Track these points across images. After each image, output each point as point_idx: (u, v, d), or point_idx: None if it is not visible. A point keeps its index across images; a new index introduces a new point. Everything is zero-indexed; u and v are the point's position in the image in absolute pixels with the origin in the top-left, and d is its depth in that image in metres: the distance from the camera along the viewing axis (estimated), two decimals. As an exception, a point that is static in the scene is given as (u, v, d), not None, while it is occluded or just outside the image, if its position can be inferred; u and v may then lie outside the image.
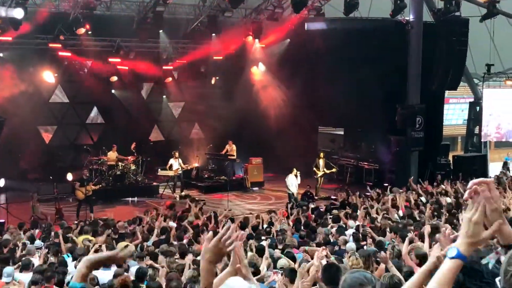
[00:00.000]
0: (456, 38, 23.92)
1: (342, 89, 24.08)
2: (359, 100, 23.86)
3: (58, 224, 16.70)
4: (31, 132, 24.88)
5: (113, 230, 14.83)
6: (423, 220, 14.56)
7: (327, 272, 6.08)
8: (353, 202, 19.05)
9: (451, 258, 2.40)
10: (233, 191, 23.58)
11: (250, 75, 27.61)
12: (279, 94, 26.93)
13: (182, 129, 28.81)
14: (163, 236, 13.87)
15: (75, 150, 25.49)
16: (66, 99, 26.42)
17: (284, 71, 26.31)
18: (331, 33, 25.14)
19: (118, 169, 23.37)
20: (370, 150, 26.09)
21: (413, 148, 24.41)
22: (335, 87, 24.21)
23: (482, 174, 25.65)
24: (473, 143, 30.02)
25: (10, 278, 9.44)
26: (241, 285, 2.89)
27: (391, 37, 24.02)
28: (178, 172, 23.68)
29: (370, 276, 3.44)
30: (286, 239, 12.43)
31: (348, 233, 13.40)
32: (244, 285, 2.91)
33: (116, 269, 9.52)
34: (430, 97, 24.55)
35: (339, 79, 24.07)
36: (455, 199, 17.94)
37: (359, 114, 24.69)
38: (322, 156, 24.28)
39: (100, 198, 22.25)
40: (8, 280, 9.41)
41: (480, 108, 29.25)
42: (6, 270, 9.60)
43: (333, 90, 24.34)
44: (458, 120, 37.94)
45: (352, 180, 25.28)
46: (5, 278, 9.44)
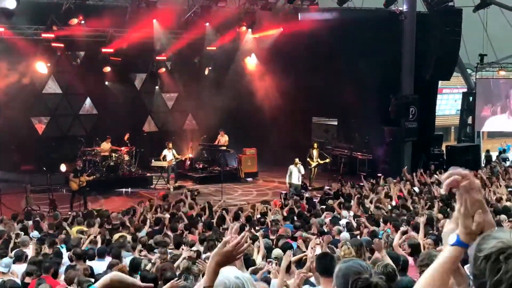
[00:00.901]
0: (449, 28, 23.97)
1: (335, 80, 24.07)
2: (353, 90, 23.85)
3: (52, 215, 16.70)
4: (24, 123, 24.78)
5: (107, 221, 14.85)
6: (417, 210, 14.63)
7: (321, 262, 6.10)
8: (347, 192, 19.12)
9: (451, 245, 2.38)
10: (227, 181, 23.57)
11: (244, 65, 27.57)
12: (273, 85, 26.89)
13: (176, 120, 28.75)
14: (157, 227, 13.89)
15: (69, 141, 25.40)
16: (59, 90, 26.31)
17: (278, 62, 26.27)
18: (324, 24, 25.10)
19: (112, 160, 23.35)
20: (364, 141, 26.13)
21: (406, 139, 24.48)
22: (329, 78, 24.20)
23: (475, 164, 25.76)
24: (466, 133, 30.14)
25: (7, 269, 9.43)
26: (235, 274, 2.90)
27: (385, 27, 24.02)
28: (171, 163, 23.68)
29: (365, 264, 3.42)
30: (280, 229, 12.47)
31: (342, 223, 13.46)
32: (238, 273, 2.92)
33: (111, 260, 9.54)
34: (424, 88, 24.61)
35: (332, 70, 24.06)
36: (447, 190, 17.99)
37: (353, 105, 24.69)
38: (316, 147, 24.31)
39: (94, 189, 22.21)
40: (5, 270, 9.41)
41: (473, 98, 29.33)
42: (4, 260, 9.60)
43: (327, 80, 24.33)
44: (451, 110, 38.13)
45: (345, 171, 25.32)
46: (2, 268, 9.43)
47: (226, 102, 26.19)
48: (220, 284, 2.87)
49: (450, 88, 36.34)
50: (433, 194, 17.35)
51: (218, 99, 26.27)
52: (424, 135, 24.93)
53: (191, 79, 27.39)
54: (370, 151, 25.75)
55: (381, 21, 24.20)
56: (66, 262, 10.19)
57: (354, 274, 3.20)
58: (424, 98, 24.64)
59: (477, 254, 2.11)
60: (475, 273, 2.11)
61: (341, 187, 20.51)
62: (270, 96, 26.96)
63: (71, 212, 17.44)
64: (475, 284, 2.13)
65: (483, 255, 2.07)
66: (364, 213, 15.03)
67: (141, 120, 28.33)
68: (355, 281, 3.17)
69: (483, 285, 2.05)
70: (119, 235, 12.99)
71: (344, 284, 3.26)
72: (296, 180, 21.41)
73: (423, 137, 24.87)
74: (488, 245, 2.08)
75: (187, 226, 13.73)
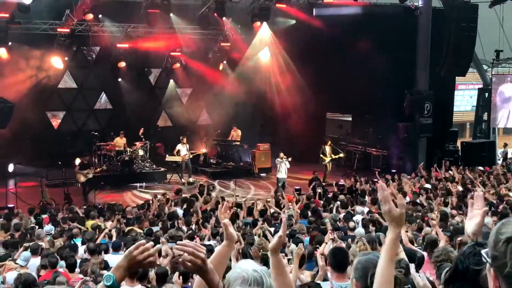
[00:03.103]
0: (465, 23, 23.83)
1: (350, 75, 23.99)
2: (367, 86, 23.79)
3: (67, 209, 16.81)
4: (40, 118, 24.96)
5: (122, 215, 14.92)
6: (431, 206, 14.58)
7: (334, 257, 6.11)
8: (361, 188, 19.07)
9: None
10: (241, 177, 23.59)
11: (258, 60, 27.55)
12: (287, 80, 26.89)
13: (190, 115, 28.80)
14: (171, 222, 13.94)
15: (84, 135, 25.53)
16: (74, 85, 26.48)
17: (292, 57, 26.25)
18: (339, 19, 25.01)
19: (126, 154, 23.44)
20: (378, 137, 26.03)
21: (421, 135, 24.37)
22: (343, 73, 24.12)
23: (491, 161, 25.65)
24: (482, 130, 29.92)
25: (25, 262, 9.52)
26: (253, 267, 2.90)
27: (400, 22, 23.90)
28: (186, 158, 23.74)
29: None
30: (294, 225, 12.47)
31: (356, 218, 13.44)
32: (256, 266, 2.92)
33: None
34: (439, 83, 24.47)
35: (347, 65, 23.95)
36: (462, 186, 17.95)
37: (367, 100, 24.63)
38: (329, 143, 24.26)
39: (108, 183, 22.40)
40: (23, 264, 9.50)
41: (489, 94, 29.13)
42: (24, 254, 9.71)
43: (341, 76, 24.27)
44: (467, 107, 37.86)
45: (359, 167, 25.27)
46: (21, 261, 9.51)
47: (240, 97, 26.23)
48: (238, 278, 2.86)
49: (465, 84, 36.10)
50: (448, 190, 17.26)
51: (232, 94, 26.31)
52: (439, 131, 24.80)
53: (205, 74, 27.41)
54: (385, 147, 25.66)
55: (396, 17, 24.08)
56: (81, 255, 10.28)
57: (373, 267, 3.24)
58: (440, 94, 24.51)
59: (499, 237, 2.24)
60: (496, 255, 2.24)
61: (355, 183, 20.46)
62: (284, 91, 26.95)
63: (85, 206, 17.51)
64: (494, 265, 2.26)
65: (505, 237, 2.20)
66: (378, 209, 14.98)
67: (155, 115, 28.43)
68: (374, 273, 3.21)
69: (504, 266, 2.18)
70: (129, 228, 13.08)
71: (363, 276, 3.31)
72: (282, 174, 21.35)
73: (438, 133, 24.74)
74: (509, 229, 2.22)
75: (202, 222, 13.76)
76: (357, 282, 3.50)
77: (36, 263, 9.73)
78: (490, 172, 21.63)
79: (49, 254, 9.53)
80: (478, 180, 18.78)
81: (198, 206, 15.92)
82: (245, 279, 2.82)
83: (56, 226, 13.58)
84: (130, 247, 3.01)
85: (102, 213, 15.49)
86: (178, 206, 16.32)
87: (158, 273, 8.07)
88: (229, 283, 2.86)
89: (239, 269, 2.89)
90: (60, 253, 10.03)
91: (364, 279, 3.32)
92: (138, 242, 3.04)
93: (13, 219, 14.64)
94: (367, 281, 3.32)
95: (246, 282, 2.82)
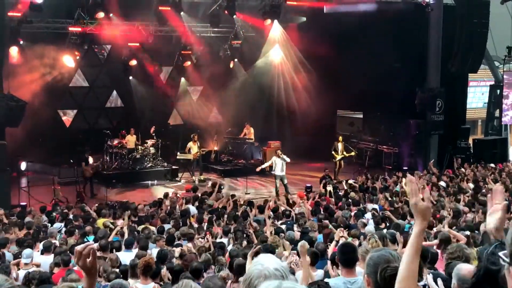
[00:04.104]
0: (476, 20, 23.72)
1: (361, 73, 23.96)
2: (378, 83, 23.74)
3: (79, 207, 16.89)
4: (52, 116, 25.12)
5: (133, 213, 14.99)
6: (443, 203, 14.55)
7: (343, 252, 6.15)
8: (372, 185, 19.05)
9: None
10: (252, 174, 23.60)
11: (269, 58, 27.55)
12: (298, 77, 26.88)
13: (201, 113, 28.82)
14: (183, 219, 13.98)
15: (95, 133, 25.63)
16: (86, 83, 26.58)
17: (303, 54, 26.23)
18: (350, 16, 24.97)
19: (138, 152, 23.51)
20: (390, 134, 25.97)
21: (432, 132, 24.29)
22: (354, 70, 24.09)
23: (503, 158, 25.55)
24: (494, 127, 29.81)
25: (29, 259, 9.59)
26: (275, 265, 2.89)
27: (411, 19, 23.82)
28: (197, 156, 23.79)
29: (395, 253, 3.58)
30: (307, 222, 12.49)
31: (367, 216, 13.44)
32: (275, 261, 2.92)
33: (138, 251, 9.65)
34: (450, 80, 24.38)
35: (358, 63, 23.92)
36: (474, 183, 17.89)
37: (378, 98, 24.59)
38: (341, 140, 24.21)
39: (120, 181, 22.47)
40: (27, 261, 9.58)
41: (501, 91, 29.01)
42: (25, 251, 9.77)
43: (352, 73, 24.23)
44: (478, 103, 37.73)
45: (371, 164, 25.20)
46: (24, 259, 9.60)
47: (251, 95, 26.26)
48: (260, 276, 2.84)
49: (477, 81, 35.96)
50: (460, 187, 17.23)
51: (243, 92, 26.34)
52: (451, 128, 24.71)
53: (216, 72, 27.44)
54: (396, 144, 25.60)
55: (408, 13, 23.99)
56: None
57: (384, 262, 3.29)
58: (451, 91, 24.42)
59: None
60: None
61: (366, 180, 20.44)
62: (295, 89, 26.95)
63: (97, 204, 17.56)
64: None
65: None
66: (390, 206, 14.98)
67: (166, 113, 28.48)
68: (384, 269, 3.27)
69: None
70: (143, 227, 13.13)
71: (375, 272, 3.37)
72: (279, 171, 20.89)
73: (450, 130, 24.65)
74: None
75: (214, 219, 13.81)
76: (368, 278, 3.56)
77: (49, 260, 9.79)
78: (502, 169, 21.55)
79: (62, 252, 9.59)
80: (490, 177, 18.71)
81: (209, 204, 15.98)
82: (267, 277, 2.82)
83: (68, 224, 13.64)
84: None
85: (114, 211, 15.56)
86: (189, 203, 16.35)
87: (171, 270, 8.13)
88: (251, 279, 2.85)
89: (261, 266, 2.88)
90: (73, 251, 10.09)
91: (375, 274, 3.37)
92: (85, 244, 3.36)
93: (26, 217, 14.75)
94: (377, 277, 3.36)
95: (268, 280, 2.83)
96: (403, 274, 3.00)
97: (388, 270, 3.28)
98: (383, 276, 3.29)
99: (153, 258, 8.50)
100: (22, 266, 9.58)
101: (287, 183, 20.90)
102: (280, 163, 20.79)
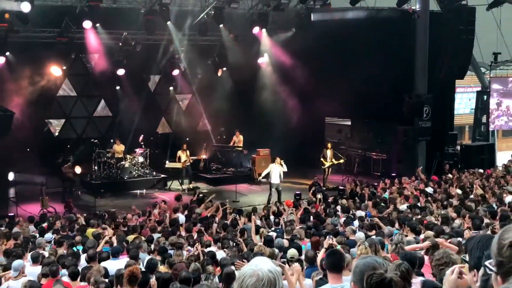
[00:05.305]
0: (463, 27, 23.88)
1: (348, 80, 24.03)
2: (366, 90, 23.82)
3: (66, 217, 16.82)
4: (40, 126, 25.05)
5: (123, 223, 14.94)
6: (431, 209, 14.61)
7: (330, 258, 6.21)
8: (361, 192, 19.10)
9: None
10: (241, 182, 23.61)
11: (257, 66, 27.61)
12: (286, 85, 26.93)
13: (190, 121, 28.80)
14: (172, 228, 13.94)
15: (83, 143, 25.56)
16: (73, 93, 26.49)
17: (291, 62, 26.29)
18: (337, 23, 25.09)
19: (126, 161, 23.47)
20: (378, 140, 26.08)
21: (420, 138, 24.40)
22: (342, 78, 24.16)
23: (490, 163, 25.69)
24: (481, 132, 29.97)
25: (16, 273, 9.45)
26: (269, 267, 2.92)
27: (398, 26, 23.97)
28: (186, 165, 23.78)
29: (381, 260, 3.62)
30: (294, 230, 12.50)
31: (356, 223, 13.47)
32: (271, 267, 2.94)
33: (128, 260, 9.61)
34: (438, 87, 24.52)
35: (345, 70, 24.00)
36: (461, 189, 17.98)
37: (366, 104, 24.68)
38: (330, 147, 24.29)
39: (109, 190, 22.42)
40: (15, 274, 9.45)
41: (488, 97, 29.19)
42: (14, 264, 9.60)
43: (340, 80, 24.30)
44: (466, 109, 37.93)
45: (359, 171, 25.28)
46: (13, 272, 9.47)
47: (240, 102, 26.27)
48: (253, 275, 2.86)
49: (464, 87, 36.17)
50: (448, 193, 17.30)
51: (231, 100, 26.36)
52: (438, 134, 24.83)
53: (204, 80, 27.46)
54: (384, 150, 25.71)
55: (394, 21, 24.15)
56: (83, 264, 10.28)
57: (370, 270, 3.32)
58: (439, 97, 24.56)
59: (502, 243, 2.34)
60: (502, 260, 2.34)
61: (355, 187, 20.49)
62: (283, 96, 27.00)
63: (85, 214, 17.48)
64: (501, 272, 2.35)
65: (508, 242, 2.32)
66: (378, 213, 15.02)
67: (155, 122, 28.46)
68: (370, 276, 3.30)
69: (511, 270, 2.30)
70: (134, 236, 13.07)
71: (361, 280, 3.39)
72: (276, 180, 20.96)
73: (438, 136, 24.77)
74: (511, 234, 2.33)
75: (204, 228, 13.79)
76: (354, 285, 3.60)
77: (37, 271, 9.73)
78: (489, 175, 21.67)
79: (50, 263, 9.53)
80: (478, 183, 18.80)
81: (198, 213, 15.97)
82: (260, 278, 2.84)
83: (56, 234, 13.57)
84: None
85: (102, 221, 15.50)
86: (179, 212, 16.33)
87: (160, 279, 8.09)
88: (244, 277, 2.88)
89: (255, 267, 2.90)
90: (62, 261, 10.04)
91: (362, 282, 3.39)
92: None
93: (14, 227, 14.67)
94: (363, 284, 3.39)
95: (260, 281, 2.85)
96: None
97: (374, 277, 3.30)
98: (369, 283, 3.31)
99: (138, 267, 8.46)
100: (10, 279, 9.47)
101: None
102: (277, 171, 20.86)
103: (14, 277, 9.35)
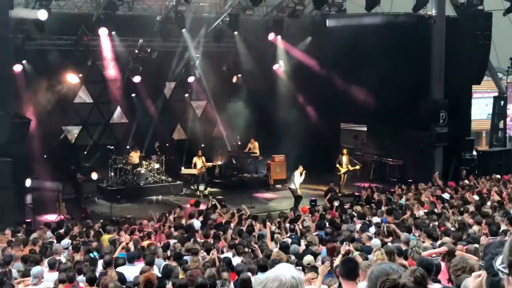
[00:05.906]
0: (479, 32, 23.75)
1: (364, 85, 23.99)
2: (382, 96, 23.74)
3: (83, 223, 16.89)
4: (57, 133, 25.23)
5: (138, 229, 14.98)
6: (447, 215, 14.51)
7: (345, 266, 6.19)
8: (377, 198, 19.00)
9: None
10: (256, 188, 23.60)
11: (272, 73, 27.62)
12: (301, 91, 26.93)
13: (205, 128, 28.88)
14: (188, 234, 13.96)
15: (100, 149, 25.71)
16: (90, 100, 26.67)
17: (306, 68, 26.28)
18: (353, 29, 25.03)
19: (142, 168, 23.56)
20: (394, 146, 25.93)
21: (437, 144, 24.25)
22: (357, 83, 24.13)
23: (507, 169, 25.46)
24: (498, 138, 29.75)
25: (36, 279, 9.51)
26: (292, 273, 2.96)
27: (414, 32, 23.84)
28: (202, 171, 23.82)
29: (396, 267, 3.68)
30: (308, 236, 12.47)
31: (372, 229, 13.41)
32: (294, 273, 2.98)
33: (143, 266, 9.63)
34: (454, 92, 24.36)
35: (361, 75, 23.94)
36: (478, 195, 17.83)
37: (382, 110, 24.57)
38: (345, 153, 24.21)
39: (125, 197, 22.51)
40: (35, 281, 9.49)
41: (505, 102, 29.00)
42: (33, 271, 9.66)
43: (355, 86, 24.27)
44: (482, 115, 37.69)
45: (376, 177, 25.16)
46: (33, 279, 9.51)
47: (255, 109, 26.29)
48: (276, 280, 2.92)
49: (481, 92, 35.98)
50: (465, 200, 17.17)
51: (247, 106, 26.40)
52: (455, 140, 24.66)
53: (220, 86, 27.54)
54: (401, 156, 25.56)
55: (410, 26, 24.04)
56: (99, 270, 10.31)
57: (384, 275, 3.33)
58: (455, 103, 24.39)
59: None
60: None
61: (371, 193, 20.40)
62: (298, 102, 26.99)
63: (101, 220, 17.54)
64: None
65: None
66: (395, 219, 14.93)
67: (170, 128, 28.56)
68: (383, 281, 3.32)
69: None
70: (148, 242, 13.11)
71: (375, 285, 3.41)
72: (291, 185, 21.19)
73: (455, 142, 24.60)
74: None
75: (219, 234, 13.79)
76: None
77: (54, 277, 9.77)
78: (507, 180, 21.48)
79: (67, 269, 9.58)
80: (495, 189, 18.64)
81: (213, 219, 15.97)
82: (282, 283, 2.88)
83: (73, 240, 13.63)
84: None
85: (118, 227, 15.55)
86: (194, 218, 16.34)
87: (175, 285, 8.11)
88: (267, 281, 2.92)
89: (279, 271, 2.95)
90: (78, 267, 10.09)
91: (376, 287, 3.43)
92: None
93: (32, 234, 14.75)
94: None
95: (283, 285, 2.89)
96: None
97: (387, 283, 3.32)
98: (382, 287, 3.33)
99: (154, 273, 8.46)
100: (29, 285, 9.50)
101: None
102: (299, 179, 20.93)
103: (34, 284, 9.40)
